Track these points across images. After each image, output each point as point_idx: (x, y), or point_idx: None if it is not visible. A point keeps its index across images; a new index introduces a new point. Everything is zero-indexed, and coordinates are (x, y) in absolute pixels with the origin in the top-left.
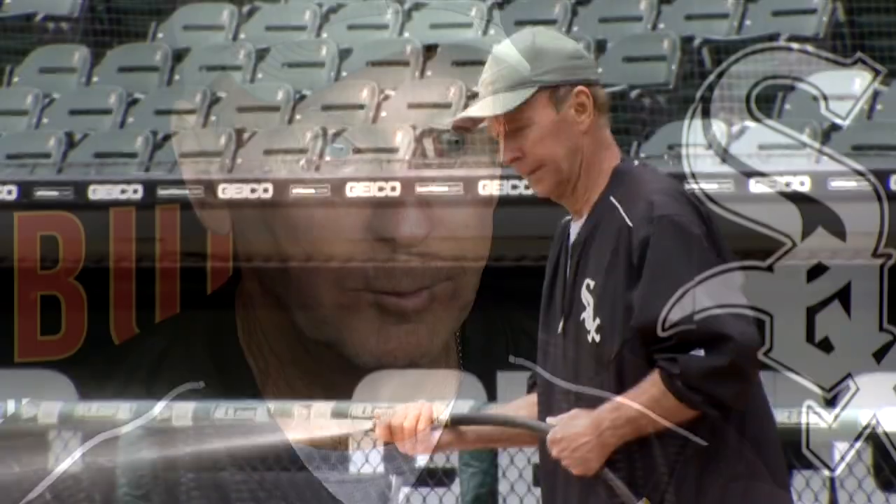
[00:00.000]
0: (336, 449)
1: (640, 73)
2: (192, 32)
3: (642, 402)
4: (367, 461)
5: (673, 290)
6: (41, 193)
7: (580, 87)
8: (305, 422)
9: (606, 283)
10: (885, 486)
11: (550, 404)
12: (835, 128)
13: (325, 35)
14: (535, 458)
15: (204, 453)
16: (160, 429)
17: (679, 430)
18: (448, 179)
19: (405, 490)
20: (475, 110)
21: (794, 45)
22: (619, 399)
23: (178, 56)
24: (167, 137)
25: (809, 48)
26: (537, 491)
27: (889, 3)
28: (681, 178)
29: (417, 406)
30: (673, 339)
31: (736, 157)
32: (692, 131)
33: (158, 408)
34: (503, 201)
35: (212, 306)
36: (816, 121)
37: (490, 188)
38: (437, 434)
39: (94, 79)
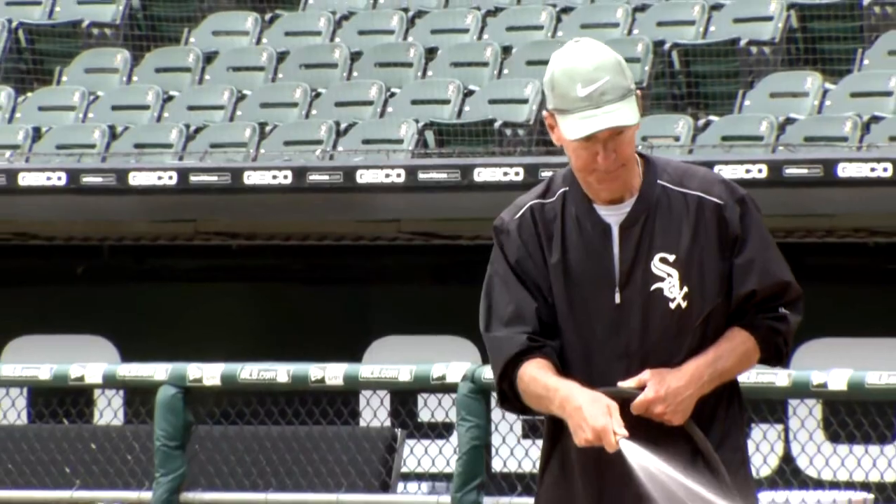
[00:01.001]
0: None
1: None
2: (221, 37)
3: (736, 356)
4: (374, 416)
5: (779, 257)
6: (87, 180)
7: (638, 91)
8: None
9: (691, 256)
10: (833, 437)
11: (595, 369)
12: (789, 121)
13: (338, 39)
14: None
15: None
16: (192, 387)
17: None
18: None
19: (410, 442)
20: (618, 120)
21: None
22: (713, 354)
23: (208, 58)
24: (198, 130)
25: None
26: (526, 443)
27: (836, 12)
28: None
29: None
30: (781, 299)
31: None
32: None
33: (192, 369)
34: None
35: None
36: (773, 115)
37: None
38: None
39: (134, 78)
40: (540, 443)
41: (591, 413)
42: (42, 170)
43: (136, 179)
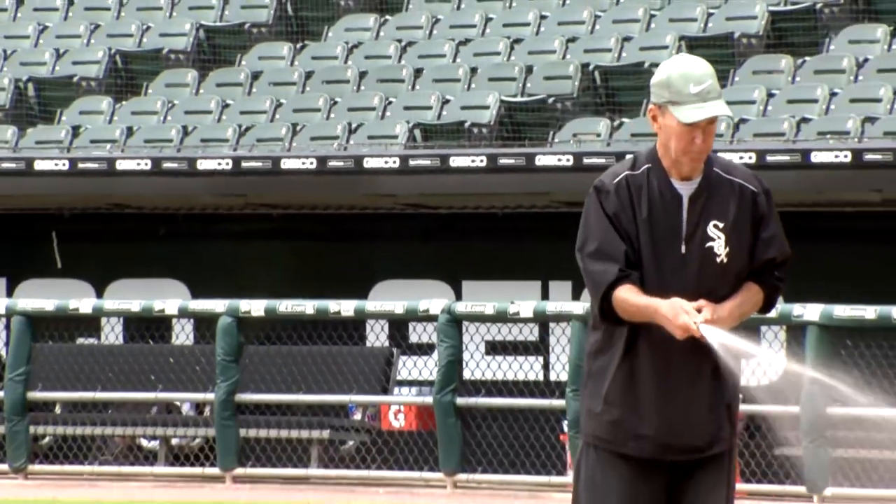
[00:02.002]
0: None
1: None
2: (264, 61)
3: (751, 304)
4: (377, 339)
5: (785, 236)
6: (166, 165)
7: None
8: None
9: (735, 226)
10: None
11: (664, 294)
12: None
13: (350, 62)
14: (488, 336)
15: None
16: (243, 317)
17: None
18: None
19: (403, 358)
20: (720, 110)
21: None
22: (739, 299)
23: (255, 76)
24: (248, 129)
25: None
26: (488, 358)
27: (802, 16)
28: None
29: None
30: (783, 266)
31: None
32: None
33: (243, 304)
34: None
35: None
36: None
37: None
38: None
39: (201, 91)
40: (498, 358)
41: (673, 316)
42: (133, 158)
43: (202, 165)
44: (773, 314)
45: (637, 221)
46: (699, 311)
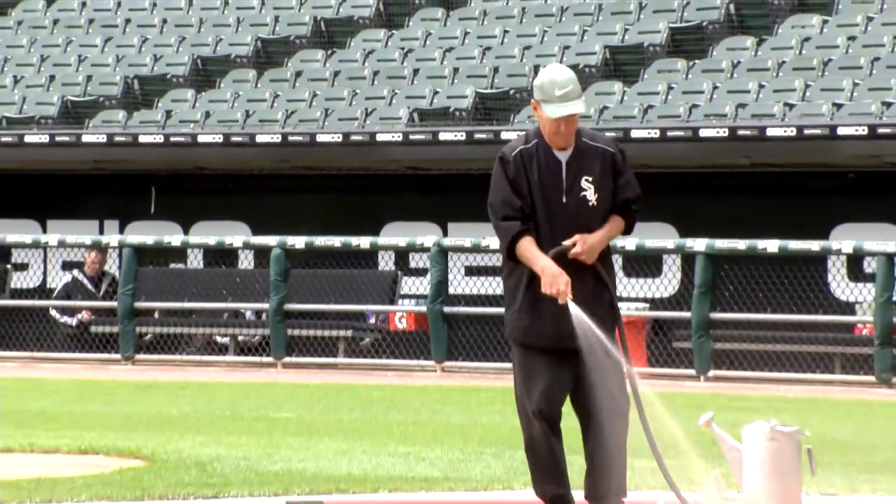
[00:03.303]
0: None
1: None
2: (305, 63)
3: (617, 228)
4: (386, 264)
5: (636, 182)
6: (234, 139)
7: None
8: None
9: (600, 178)
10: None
11: (554, 235)
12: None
13: (367, 64)
14: (467, 262)
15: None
16: (290, 249)
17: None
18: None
19: (405, 278)
20: (576, 109)
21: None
22: (607, 228)
23: (298, 74)
24: (292, 112)
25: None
26: (467, 279)
27: (693, 31)
28: None
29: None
30: (638, 201)
31: None
32: None
33: (289, 239)
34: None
35: None
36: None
37: None
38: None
39: (258, 85)
40: (474, 279)
41: (555, 282)
42: (209, 133)
43: (260, 139)
44: (671, 246)
45: (530, 182)
46: (574, 244)
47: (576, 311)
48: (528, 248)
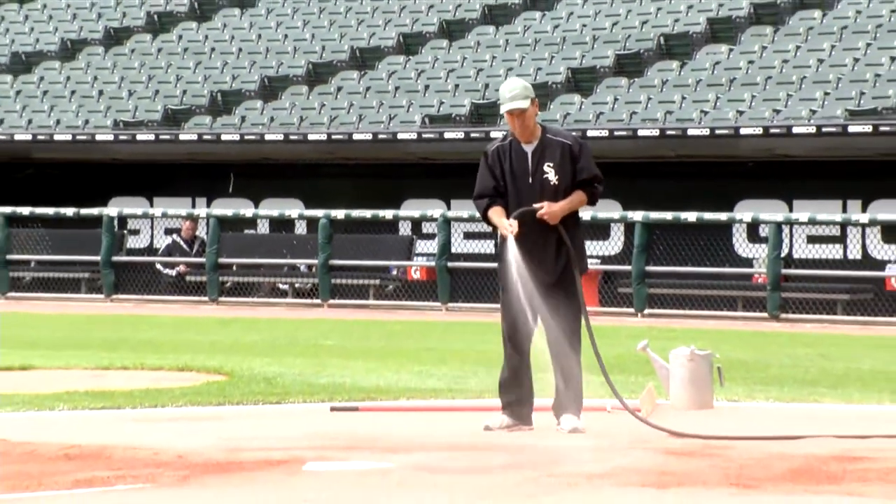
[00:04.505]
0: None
1: None
2: (344, 81)
3: (578, 200)
4: (405, 230)
5: (595, 166)
6: (292, 137)
7: (536, 101)
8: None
9: (560, 164)
10: None
11: (523, 207)
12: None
13: (390, 83)
14: (465, 229)
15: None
16: (333, 219)
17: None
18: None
19: (419, 241)
20: (517, 105)
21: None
22: (569, 199)
23: (339, 90)
24: (335, 118)
25: None
26: (466, 241)
27: (631, 57)
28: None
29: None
30: (595, 180)
31: None
32: None
33: (332, 212)
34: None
35: None
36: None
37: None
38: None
39: (310, 98)
40: (471, 241)
41: (506, 227)
42: (273, 133)
43: (311, 137)
44: (616, 217)
45: (504, 170)
46: (541, 207)
47: (513, 247)
48: (493, 214)
